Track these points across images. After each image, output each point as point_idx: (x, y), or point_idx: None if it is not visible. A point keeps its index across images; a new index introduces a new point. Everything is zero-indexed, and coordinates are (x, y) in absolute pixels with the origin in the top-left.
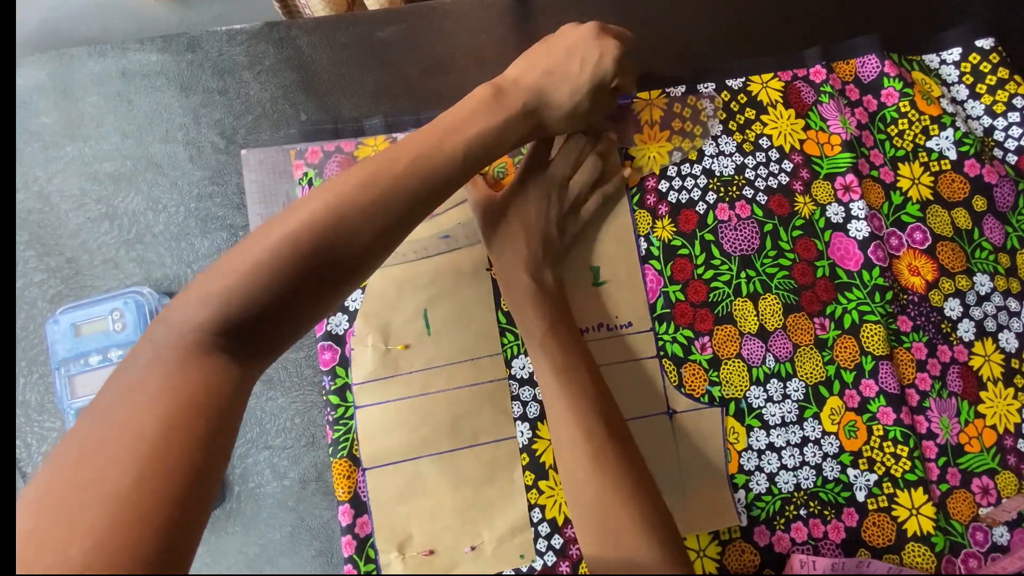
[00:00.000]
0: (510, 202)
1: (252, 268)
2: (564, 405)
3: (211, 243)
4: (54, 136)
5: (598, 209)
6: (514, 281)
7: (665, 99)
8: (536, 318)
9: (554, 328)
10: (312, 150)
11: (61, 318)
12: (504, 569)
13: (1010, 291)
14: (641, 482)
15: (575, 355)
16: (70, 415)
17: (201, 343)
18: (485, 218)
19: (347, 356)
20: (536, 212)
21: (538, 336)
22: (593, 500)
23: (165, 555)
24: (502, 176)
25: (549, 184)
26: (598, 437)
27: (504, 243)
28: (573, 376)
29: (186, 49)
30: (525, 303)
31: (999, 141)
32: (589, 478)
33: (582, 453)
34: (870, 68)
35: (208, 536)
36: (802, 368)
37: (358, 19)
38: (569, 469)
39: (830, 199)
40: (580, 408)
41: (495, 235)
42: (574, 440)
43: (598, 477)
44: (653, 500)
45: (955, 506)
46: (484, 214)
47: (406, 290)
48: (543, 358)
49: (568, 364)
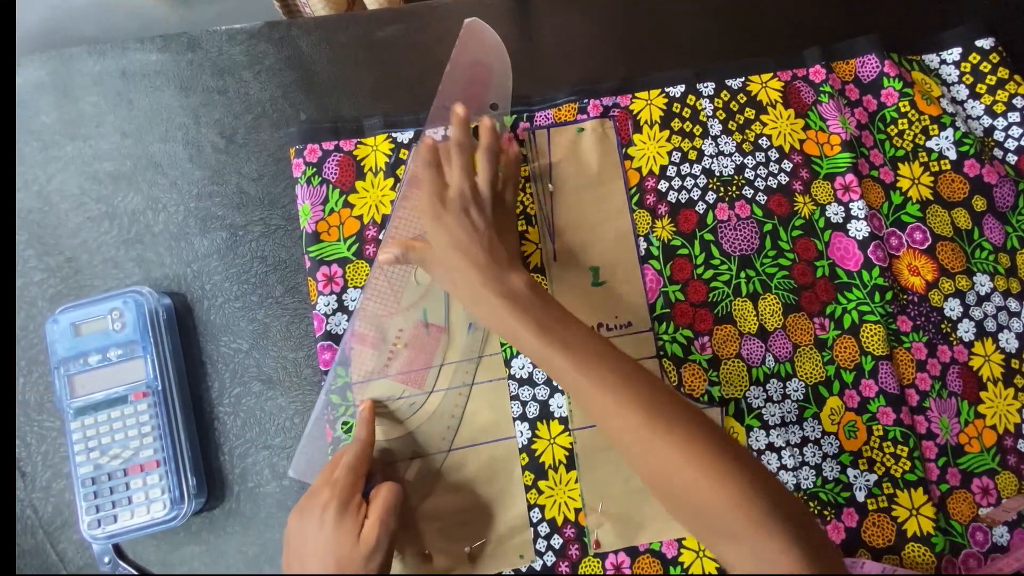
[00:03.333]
0: (437, 239)
1: None
2: (593, 408)
3: (211, 243)
4: (54, 136)
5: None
6: (484, 307)
7: (665, 99)
8: (524, 331)
9: (545, 331)
10: (311, 148)
11: (61, 317)
12: (503, 569)
13: (1010, 291)
14: (707, 460)
15: (581, 351)
16: (69, 414)
17: None
18: (429, 269)
19: (347, 355)
20: (464, 232)
21: (533, 348)
22: (667, 496)
23: None
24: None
25: (461, 202)
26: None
27: (454, 277)
28: (588, 373)
29: (186, 49)
30: (508, 322)
31: (999, 141)
32: (652, 475)
33: (634, 453)
34: (870, 68)
35: (208, 536)
36: (802, 368)
37: (358, 19)
38: (630, 467)
39: (830, 199)
40: (610, 406)
41: (442, 276)
42: (622, 441)
43: (662, 472)
44: (727, 472)
45: (955, 506)
46: (427, 266)
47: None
48: (550, 366)
49: (577, 362)
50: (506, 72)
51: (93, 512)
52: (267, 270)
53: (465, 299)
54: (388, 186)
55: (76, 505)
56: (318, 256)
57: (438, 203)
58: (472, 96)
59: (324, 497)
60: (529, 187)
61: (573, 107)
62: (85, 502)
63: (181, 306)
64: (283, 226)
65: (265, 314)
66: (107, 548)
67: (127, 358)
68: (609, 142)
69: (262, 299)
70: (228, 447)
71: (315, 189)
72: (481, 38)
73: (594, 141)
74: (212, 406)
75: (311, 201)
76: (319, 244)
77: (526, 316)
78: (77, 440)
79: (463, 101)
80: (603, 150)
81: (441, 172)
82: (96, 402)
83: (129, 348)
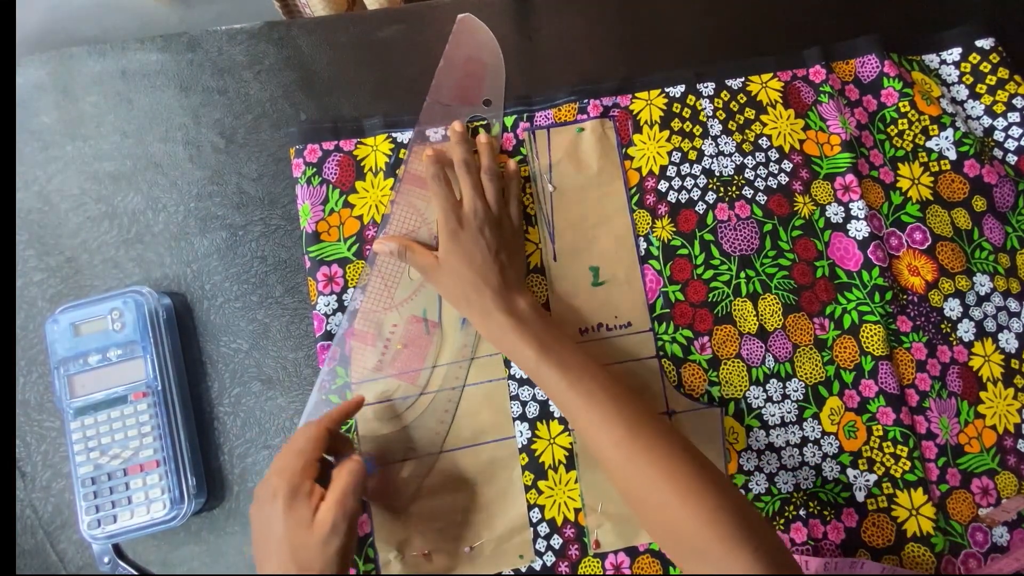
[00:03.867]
0: (451, 254)
1: None
2: (582, 423)
3: (210, 243)
4: (54, 136)
5: (598, 205)
6: (493, 324)
7: (665, 99)
8: (526, 348)
9: (546, 350)
10: (311, 148)
11: (61, 317)
12: (503, 569)
13: (1010, 291)
14: (683, 477)
15: (576, 369)
16: (69, 414)
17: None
18: (436, 280)
19: (347, 355)
20: (480, 253)
21: (533, 365)
22: (643, 510)
23: None
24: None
25: (476, 220)
26: (625, 444)
27: (466, 293)
28: (581, 390)
29: (186, 49)
30: (511, 339)
31: (999, 141)
32: (631, 488)
33: (616, 464)
34: (870, 68)
35: (208, 536)
36: (802, 368)
37: (358, 19)
38: (611, 481)
39: (830, 199)
40: (597, 420)
41: (452, 291)
42: (604, 453)
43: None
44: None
45: (955, 506)
46: (432, 276)
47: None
48: (547, 382)
49: (572, 380)
50: (499, 67)
51: (93, 512)
52: (267, 270)
53: (475, 315)
54: (388, 186)
55: (76, 505)
56: (318, 256)
57: (454, 219)
58: (466, 92)
59: (272, 485)
60: (529, 187)
61: (573, 107)
62: (85, 502)
63: (181, 306)
64: (283, 226)
65: (265, 314)
66: (107, 548)
67: (127, 358)
68: (609, 142)
69: (262, 299)
70: (228, 447)
71: (315, 189)
72: (474, 33)
73: (594, 141)
74: (212, 406)
75: (311, 201)
76: (319, 244)
77: (528, 334)
78: (77, 440)
79: (456, 97)
80: (603, 150)
81: (451, 186)
82: (96, 402)
83: (129, 348)
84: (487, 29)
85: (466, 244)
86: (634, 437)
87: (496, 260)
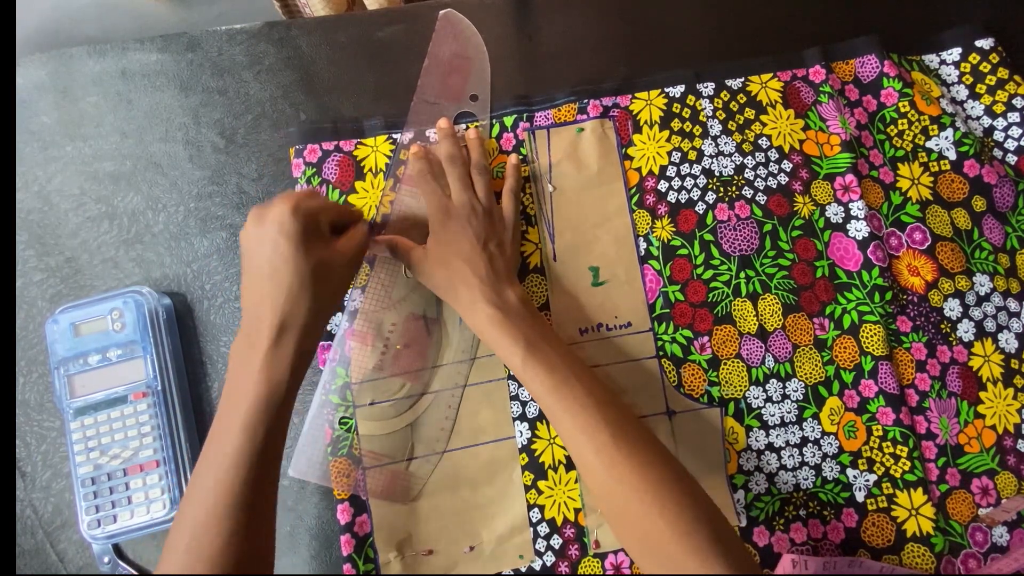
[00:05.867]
0: (438, 244)
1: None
2: (565, 426)
3: (210, 243)
4: (54, 136)
5: (598, 205)
6: (479, 316)
7: (665, 99)
8: (512, 344)
9: (532, 348)
10: (311, 148)
11: (60, 317)
12: (503, 569)
13: (1010, 291)
14: (663, 487)
15: (563, 370)
16: (69, 414)
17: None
18: (424, 272)
19: (347, 355)
20: (467, 242)
21: (519, 362)
22: (620, 517)
23: None
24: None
25: (464, 212)
26: (607, 449)
27: (453, 284)
28: (566, 393)
29: (186, 49)
30: (496, 333)
31: (999, 141)
32: (610, 494)
33: (595, 470)
34: (869, 68)
35: None
36: (801, 368)
37: (358, 19)
38: (590, 486)
39: (829, 199)
40: (580, 424)
41: (441, 282)
42: (585, 459)
43: (619, 492)
44: (680, 502)
45: (954, 506)
46: (420, 269)
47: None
48: (532, 381)
49: (557, 382)
50: (483, 62)
51: (93, 512)
52: None
53: (462, 306)
54: (388, 187)
55: (76, 505)
56: None
57: (441, 211)
58: (452, 88)
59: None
60: (529, 187)
61: (573, 107)
62: (85, 502)
63: (181, 306)
64: None
65: None
66: (107, 548)
67: (127, 358)
68: (609, 142)
69: None
70: None
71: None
72: (457, 29)
73: (594, 141)
74: (212, 406)
75: None
76: None
77: (515, 330)
78: (77, 440)
79: (443, 93)
80: (603, 150)
81: (438, 181)
82: (96, 402)
83: (129, 348)
84: (470, 24)
85: (453, 234)
86: (617, 444)
87: (484, 250)
